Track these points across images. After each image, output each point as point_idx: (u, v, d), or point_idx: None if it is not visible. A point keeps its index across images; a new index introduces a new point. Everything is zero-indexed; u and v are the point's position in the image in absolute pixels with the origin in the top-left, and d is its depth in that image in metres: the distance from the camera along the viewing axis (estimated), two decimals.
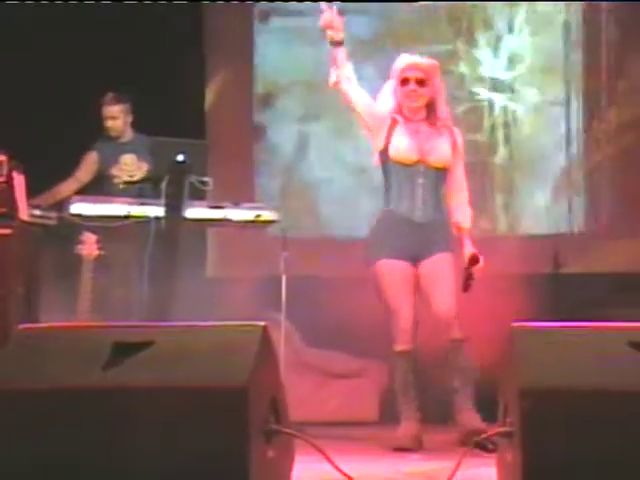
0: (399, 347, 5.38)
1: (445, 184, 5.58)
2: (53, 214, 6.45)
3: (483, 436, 4.06)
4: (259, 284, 7.63)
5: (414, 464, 4.83)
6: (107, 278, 6.60)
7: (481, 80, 8.77)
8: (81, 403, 3.40)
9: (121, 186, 7.17)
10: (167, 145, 6.93)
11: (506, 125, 8.72)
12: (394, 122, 5.53)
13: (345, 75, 5.47)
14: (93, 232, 6.46)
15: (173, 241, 6.32)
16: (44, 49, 7.97)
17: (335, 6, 5.48)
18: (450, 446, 5.19)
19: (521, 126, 8.73)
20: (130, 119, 7.45)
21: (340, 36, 5.46)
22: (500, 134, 8.72)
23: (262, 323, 3.63)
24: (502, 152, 8.71)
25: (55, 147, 7.30)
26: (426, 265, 5.43)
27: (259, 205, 6.73)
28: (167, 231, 6.30)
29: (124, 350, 3.49)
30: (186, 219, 6.36)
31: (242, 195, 7.60)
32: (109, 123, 7.40)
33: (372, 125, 5.55)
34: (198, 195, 6.57)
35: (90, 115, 7.40)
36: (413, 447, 5.28)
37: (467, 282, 5.42)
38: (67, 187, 7.11)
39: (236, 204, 6.58)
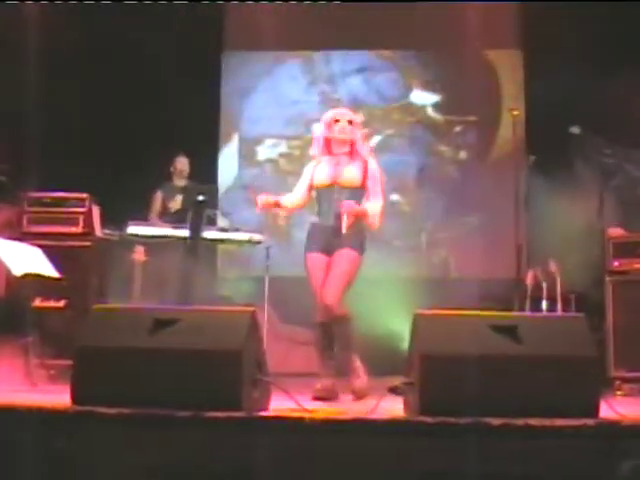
0: (317, 320, 4.86)
1: (363, 198, 4.98)
2: (117, 233, 6.40)
3: (396, 384, 4.05)
4: (251, 281, 7.65)
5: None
6: (151, 275, 6.60)
7: None
8: (133, 357, 3.44)
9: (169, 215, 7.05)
10: (192, 188, 6.97)
11: None
12: (317, 163, 5.07)
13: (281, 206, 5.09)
14: (143, 245, 6.49)
15: (195, 253, 6.33)
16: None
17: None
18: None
19: None
20: None
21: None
22: None
23: (252, 308, 3.67)
24: None
25: (119, 188, 7.25)
26: (331, 259, 4.87)
27: (251, 229, 6.76)
28: (191, 246, 6.32)
29: (161, 324, 3.51)
30: (203, 239, 6.38)
31: None
32: (183, 169, 7.27)
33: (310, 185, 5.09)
34: (211, 222, 6.61)
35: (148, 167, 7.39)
36: (329, 397, 4.67)
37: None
38: (155, 217, 7.10)
39: (236, 229, 6.63)
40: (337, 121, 5.05)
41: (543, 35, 7.94)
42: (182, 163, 7.31)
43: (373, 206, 4.95)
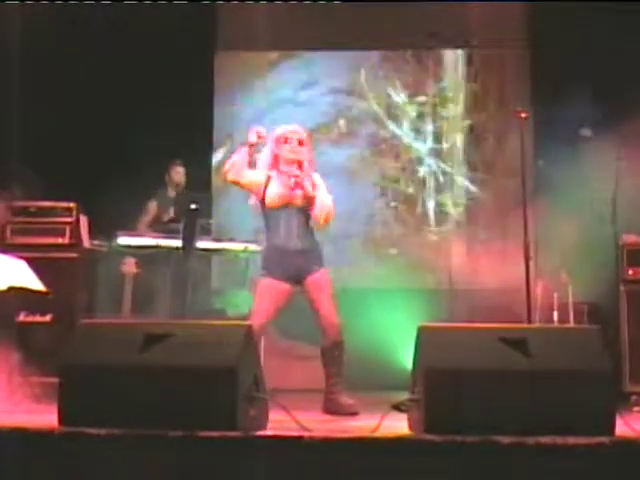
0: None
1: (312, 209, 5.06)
2: (106, 243, 6.40)
3: (400, 401, 4.03)
4: (247, 293, 7.61)
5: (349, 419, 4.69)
6: (142, 288, 6.57)
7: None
8: (124, 374, 3.43)
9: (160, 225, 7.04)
10: (185, 196, 6.97)
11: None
12: (268, 178, 5.06)
13: (239, 166, 5.00)
14: (133, 256, 6.47)
15: (188, 263, 6.33)
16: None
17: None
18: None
19: None
20: None
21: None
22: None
23: (248, 322, 3.67)
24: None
25: (108, 197, 7.22)
26: (309, 282, 4.99)
27: (247, 240, 6.76)
28: (184, 257, 6.32)
29: (152, 339, 3.50)
30: (197, 249, 6.39)
31: None
32: (179, 180, 7.28)
33: (255, 190, 5.08)
34: (205, 232, 6.61)
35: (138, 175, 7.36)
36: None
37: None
38: (144, 229, 7.07)
39: (231, 239, 6.64)
40: (288, 139, 5.14)
41: (551, 34, 7.94)
42: (179, 174, 7.30)
43: (322, 201, 5.03)
